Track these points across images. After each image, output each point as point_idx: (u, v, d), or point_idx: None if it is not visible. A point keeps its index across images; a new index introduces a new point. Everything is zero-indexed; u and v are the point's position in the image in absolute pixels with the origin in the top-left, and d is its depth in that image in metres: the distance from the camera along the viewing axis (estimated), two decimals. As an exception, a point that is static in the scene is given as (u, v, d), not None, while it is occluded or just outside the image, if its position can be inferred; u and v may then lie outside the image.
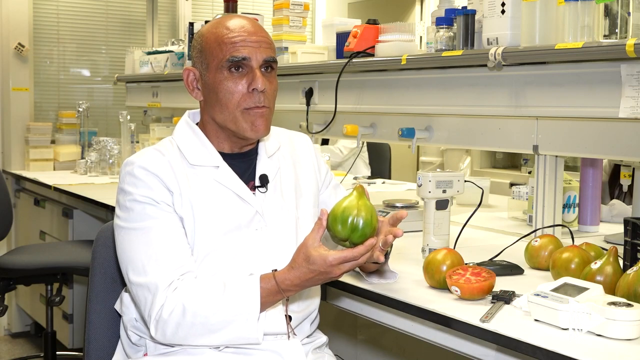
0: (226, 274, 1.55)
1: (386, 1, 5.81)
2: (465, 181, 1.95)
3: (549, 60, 1.93)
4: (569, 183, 2.38)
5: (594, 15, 1.78)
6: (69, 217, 3.75)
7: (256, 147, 1.71)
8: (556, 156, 2.06)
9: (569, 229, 1.98)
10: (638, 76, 1.71)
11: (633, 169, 2.37)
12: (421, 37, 2.91)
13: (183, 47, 3.84)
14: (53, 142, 4.61)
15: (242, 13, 2.83)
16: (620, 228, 1.93)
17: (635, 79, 1.72)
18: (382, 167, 4.69)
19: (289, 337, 1.60)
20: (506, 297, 1.52)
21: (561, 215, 2.19)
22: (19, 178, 4.44)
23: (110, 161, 4.17)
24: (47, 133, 4.55)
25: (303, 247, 1.45)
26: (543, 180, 2.07)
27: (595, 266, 1.53)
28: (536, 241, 1.86)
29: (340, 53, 2.66)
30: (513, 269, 1.80)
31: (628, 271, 1.45)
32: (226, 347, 1.54)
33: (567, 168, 2.34)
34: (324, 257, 1.42)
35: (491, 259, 1.88)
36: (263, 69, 1.61)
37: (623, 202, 2.73)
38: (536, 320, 1.40)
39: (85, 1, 4.93)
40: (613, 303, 1.31)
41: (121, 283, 1.77)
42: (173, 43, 4.18)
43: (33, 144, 4.48)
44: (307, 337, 1.68)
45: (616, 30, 1.79)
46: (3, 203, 3.35)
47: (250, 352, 1.55)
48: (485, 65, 2.06)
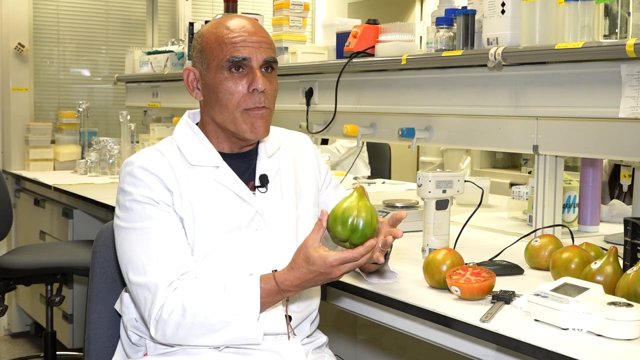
0: (226, 274, 1.55)
1: (386, 1, 5.81)
2: (465, 181, 1.95)
3: (549, 60, 1.93)
4: (569, 183, 2.38)
5: (594, 15, 1.78)
6: (69, 217, 3.75)
7: (256, 147, 1.71)
8: (556, 156, 2.06)
9: (569, 229, 1.98)
10: (638, 76, 1.71)
11: (633, 169, 2.37)
12: (421, 37, 2.91)
13: (183, 47, 3.83)
14: (53, 142, 4.61)
15: (242, 13, 2.83)
16: (620, 228, 1.93)
17: (635, 79, 1.72)
18: (382, 167, 4.69)
19: (289, 337, 1.60)
20: (506, 297, 1.52)
21: (561, 215, 2.19)
22: (19, 178, 4.44)
23: (110, 161, 4.17)
24: (47, 133, 4.55)
25: (303, 248, 1.45)
26: (543, 180, 2.07)
27: (595, 266, 1.53)
28: (536, 241, 1.86)
29: (340, 53, 2.66)
30: (513, 269, 1.80)
31: (628, 271, 1.45)
32: (226, 347, 1.54)
33: (567, 168, 2.34)
34: (324, 258, 1.42)
35: (491, 259, 1.88)
36: (263, 69, 1.61)
37: (623, 202, 2.73)
38: (536, 320, 1.40)
39: (85, 1, 4.93)
40: (613, 303, 1.31)
41: (121, 283, 1.77)
42: (173, 43, 4.18)
43: (33, 144, 4.48)
44: (307, 337, 1.68)
45: (616, 30, 1.79)
46: (3, 203, 3.35)
47: (250, 352, 1.55)
48: (485, 65, 2.06)
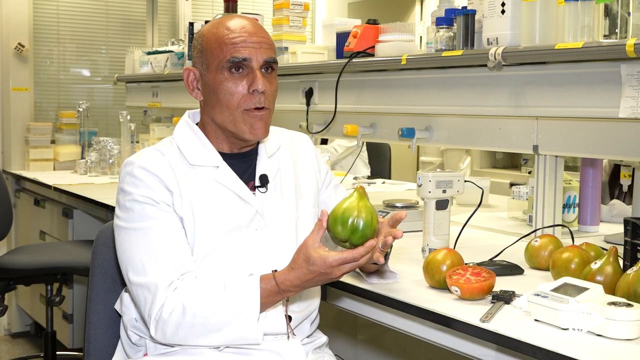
0: (226, 274, 1.55)
1: (386, 1, 5.81)
2: (465, 181, 1.95)
3: (549, 60, 1.93)
4: (569, 183, 2.38)
5: (594, 15, 1.78)
6: (69, 217, 3.75)
7: (256, 147, 1.71)
8: (556, 156, 2.06)
9: (569, 229, 1.98)
10: (638, 76, 1.71)
11: (633, 169, 2.37)
12: (421, 37, 2.91)
13: (183, 47, 3.83)
14: (53, 142, 4.61)
15: (242, 13, 2.83)
16: (620, 228, 1.93)
17: (635, 79, 1.72)
18: (382, 167, 4.69)
19: (288, 337, 1.60)
20: (506, 297, 1.52)
21: (561, 215, 2.19)
22: (19, 178, 4.44)
23: (110, 161, 4.17)
24: (47, 133, 4.55)
25: (303, 248, 1.45)
26: (543, 180, 2.07)
27: (595, 266, 1.53)
28: (536, 241, 1.86)
29: (340, 53, 2.66)
30: (513, 269, 1.80)
31: (628, 271, 1.45)
32: (226, 347, 1.54)
33: (567, 168, 2.34)
34: (324, 258, 1.42)
35: (491, 259, 1.88)
36: (263, 70, 1.60)
37: (623, 202, 2.73)
38: (536, 320, 1.40)
39: (85, 1, 4.93)
40: (613, 303, 1.31)
41: (121, 283, 1.77)
42: (173, 43, 4.18)
43: (33, 144, 4.48)
44: (307, 337, 1.68)
45: (616, 30, 1.79)
46: (3, 203, 3.35)
47: (250, 352, 1.55)
48: (485, 65, 2.06)
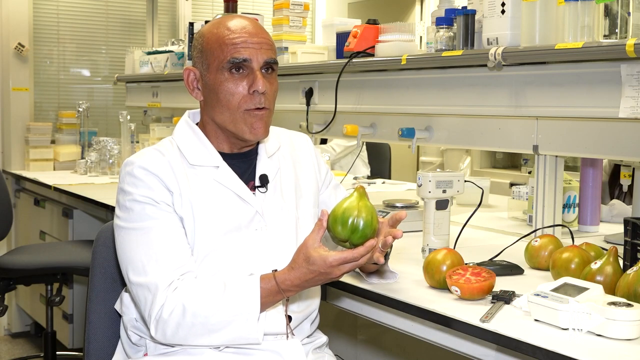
0: (226, 274, 1.55)
1: (386, 1, 5.81)
2: (465, 181, 1.95)
3: (549, 60, 1.93)
4: (569, 183, 2.38)
5: (594, 15, 1.78)
6: (69, 217, 3.75)
7: (256, 147, 1.71)
8: (556, 156, 2.06)
9: (569, 229, 1.98)
10: (638, 76, 1.71)
11: (633, 169, 2.37)
12: (421, 37, 2.91)
13: (183, 47, 3.83)
14: (53, 142, 4.61)
15: (242, 13, 2.83)
16: (620, 228, 1.93)
17: (635, 79, 1.72)
18: (382, 167, 4.69)
19: (287, 337, 1.60)
20: (506, 297, 1.52)
21: (561, 215, 2.19)
22: (19, 178, 4.44)
23: (110, 161, 4.17)
24: (47, 133, 4.55)
25: (303, 248, 1.45)
26: (543, 180, 2.07)
27: (595, 266, 1.53)
28: (536, 241, 1.86)
29: (340, 53, 2.66)
30: (513, 269, 1.80)
31: (628, 271, 1.45)
32: (226, 347, 1.54)
33: (567, 168, 2.34)
34: (324, 258, 1.42)
35: (491, 259, 1.88)
36: (264, 70, 1.60)
37: (623, 202, 2.73)
38: (536, 320, 1.40)
39: (85, 1, 4.93)
40: (613, 303, 1.31)
41: (121, 283, 1.77)
42: (173, 43, 4.18)
43: (33, 144, 4.48)
44: (307, 337, 1.68)
45: (616, 30, 1.79)
46: (3, 203, 3.35)
47: (250, 352, 1.55)
48: (485, 65, 2.06)
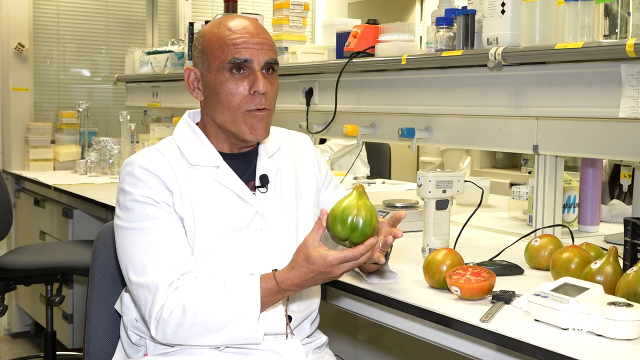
0: (226, 274, 1.55)
1: (386, 1, 5.81)
2: (465, 181, 1.95)
3: (549, 60, 1.93)
4: (569, 183, 2.38)
5: (594, 15, 1.78)
6: (69, 217, 3.75)
7: (256, 147, 1.71)
8: (556, 156, 2.06)
9: (569, 229, 1.98)
10: (638, 76, 1.71)
11: (633, 169, 2.37)
12: (421, 37, 2.91)
13: (183, 47, 3.83)
14: (53, 142, 4.61)
15: (242, 13, 2.83)
16: (620, 228, 1.93)
17: (635, 79, 1.72)
18: (382, 167, 4.69)
19: (287, 337, 1.60)
20: (506, 297, 1.52)
21: (561, 215, 2.19)
22: (19, 178, 4.44)
23: (110, 161, 4.17)
24: (47, 133, 4.55)
25: (303, 247, 1.45)
26: (543, 180, 2.07)
27: (595, 266, 1.53)
28: (536, 241, 1.86)
29: (340, 53, 2.66)
30: (513, 269, 1.80)
31: (628, 271, 1.45)
32: (226, 347, 1.54)
33: (567, 168, 2.34)
34: (324, 257, 1.42)
35: (491, 259, 1.88)
36: (264, 71, 1.60)
37: (623, 202, 2.73)
38: (536, 320, 1.40)
39: (85, 1, 4.93)
40: (613, 303, 1.31)
41: (121, 283, 1.77)
42: (173, 43, 4.18)
43: (33, 144, 4.48)
44: (307, 337, 1.68)
45: (616, 30, 1.79)
46: (3, 203, 3.35)
47: (250, 352, 1.55)
48: (485, 65, 2.06)
